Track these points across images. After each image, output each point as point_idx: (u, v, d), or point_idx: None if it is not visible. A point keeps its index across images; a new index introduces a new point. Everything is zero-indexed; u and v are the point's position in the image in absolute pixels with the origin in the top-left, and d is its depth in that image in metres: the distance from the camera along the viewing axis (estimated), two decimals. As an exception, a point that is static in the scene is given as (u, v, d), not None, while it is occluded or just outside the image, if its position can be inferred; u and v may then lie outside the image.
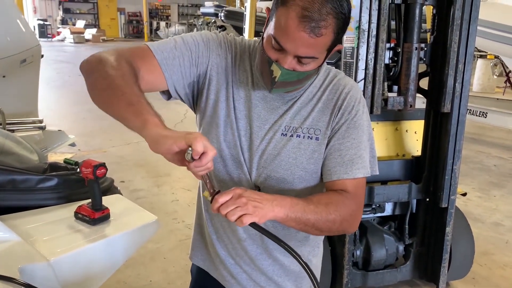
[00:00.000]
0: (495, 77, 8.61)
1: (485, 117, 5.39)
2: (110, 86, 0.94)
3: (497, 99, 6.16)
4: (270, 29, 0.99)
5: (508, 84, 8.10)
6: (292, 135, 1.11)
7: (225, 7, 13.67)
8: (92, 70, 1.00)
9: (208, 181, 0.97)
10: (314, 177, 1.14)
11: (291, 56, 0.98)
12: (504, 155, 5.48)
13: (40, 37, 20.60)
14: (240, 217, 0.92)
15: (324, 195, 1.11)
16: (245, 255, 1.21)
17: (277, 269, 1.23)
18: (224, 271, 1.25)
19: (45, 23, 23.23)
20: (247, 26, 4.64)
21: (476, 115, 5.48)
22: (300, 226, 1.03)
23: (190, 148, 0.86)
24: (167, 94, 1.13)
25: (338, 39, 0.99)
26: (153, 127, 0.88)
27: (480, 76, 8.95)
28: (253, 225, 0.95)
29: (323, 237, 1.32)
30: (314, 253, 1.28)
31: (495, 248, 3.23)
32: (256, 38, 1.21)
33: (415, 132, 2.65)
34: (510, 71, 7.70)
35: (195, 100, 1.18)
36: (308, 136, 1.11)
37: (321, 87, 1.14)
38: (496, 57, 7.32)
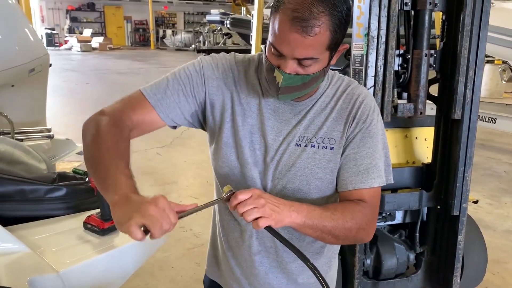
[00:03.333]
0: (503, 82, 8.54)
1: (494, 123, 5.34)
2: (96, 162, 1.00)
3: (506, 104, 6.11)
4: (269, 37, 1.01)
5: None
6: (306, 145, 1.10)
7: (231, 14, 13.73)
8: (85, 137, 1.05)
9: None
10: (330, 187, 1.13)
11: (290, 60, 0.98)
12: (514, 161, 5.42)
13: (47, 45, 20.79)
14: (256, 219, 0.92)
15: (340, 203, 1.11)
16: (259, 272, 1.19)
17: (290, 284, 1.20)
18: None
19: (53, 32, 23.50)
20: (254, 33, 4.64)
21: (485, 121, 5.43)
22: (317, 233, 1.02)
23: None
24: (172, 126, 1.17)
25: (338, 38, 0.98)
26: (116, 206, 0.89)
27: (487, 81, 8.88)
28: (268, 228, 0.94)
29: (339, 248, 1.31)
30: (330, 264, 1.26)
31: (508, 256, 3.18)
32: (261, 51, 1.23)
33: (425, 139, 2.62)
34: (519, 76, 7.64)
35: (203, 124, 1.19)
36: (323, 146, 1.10)
37: (334, 96, 1.13)
38: (504, 62, 7.27)
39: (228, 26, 12.74)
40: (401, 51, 2.23)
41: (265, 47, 1.05)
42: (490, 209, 3.95)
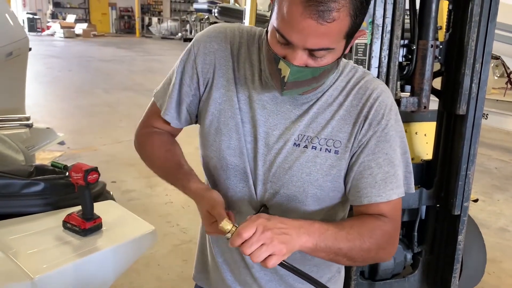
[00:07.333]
0: (496, 78, 8.53)
1: (485, 119, 5.30)
2: (157, 169, 1.14)
3: (497, 100, 6.08)
4: (273, 21, 0.83)
5: (509, 86, 8.01)
6: (306, 146, 0.95)
7: (219, 3, 13.48)
8: (140, 153, 1.19)
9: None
10: (330, 196, 0.98)
11: (300, 50, 0.81)
12: (505, 157, 5.40)
13: (29, 31, 20.23)
14: (266, 258, 0.79)
15: (356, 219, 0.96)
16: (254, 283, 1.06)
17: None
18: None
19: (35, 17, 22.87)
20: (246, 22, 4.48)
21: (477, 117, 5.38)
22: (330, 256, 0.88)
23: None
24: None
25: (357, 24, 0.82)
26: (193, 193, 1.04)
27: (476, 77, 8.83)
28: (281, 264, 0.81)
29: None
30: (335, 279, 1.12)
31: (503, 255, 3.12)
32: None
33: (425, 135, 2.53)
34: (511, 72, 7.61)
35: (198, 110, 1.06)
36: (326, 149, 0.94)
37: (344, 89, 0.97)
38: (497, 58, 7.23)
39: (216, 15, 12.50)
40: (406, 42, 2.12)
41: (267, 31, 0.88)
42: (483, 206, 3.90)
